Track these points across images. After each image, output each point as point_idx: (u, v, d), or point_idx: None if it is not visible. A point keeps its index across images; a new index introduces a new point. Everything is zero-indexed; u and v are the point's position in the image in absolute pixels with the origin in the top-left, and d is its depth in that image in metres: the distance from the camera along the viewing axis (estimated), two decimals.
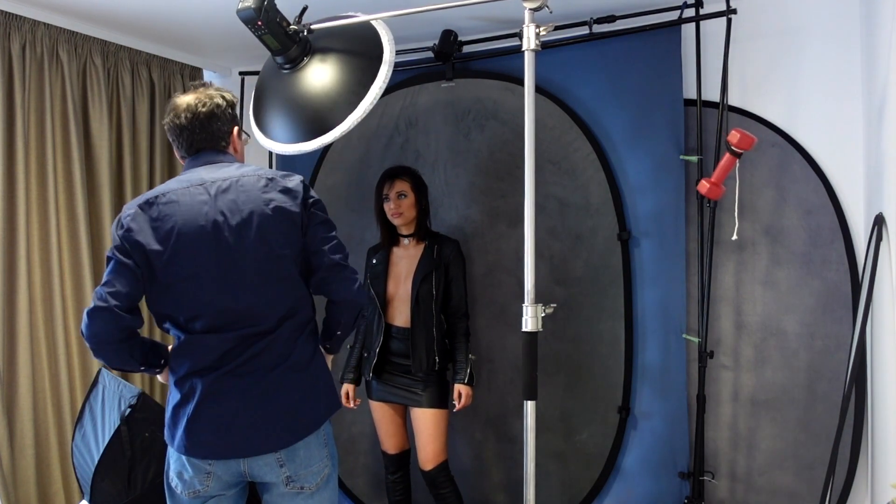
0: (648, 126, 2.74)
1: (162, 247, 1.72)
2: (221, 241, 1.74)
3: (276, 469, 1.81)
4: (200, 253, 1.73)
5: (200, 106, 1.85)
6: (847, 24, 2.55)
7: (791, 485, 2.63)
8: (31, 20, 2.72)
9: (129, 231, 1.73)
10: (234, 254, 1.74)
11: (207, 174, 1.80)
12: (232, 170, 1.82)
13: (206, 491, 1.82)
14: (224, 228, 1.74)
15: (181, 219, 1.73)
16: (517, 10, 2.02)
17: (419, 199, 2.72)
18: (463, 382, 2.67)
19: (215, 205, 1.75)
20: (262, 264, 1.76)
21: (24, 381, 2.73)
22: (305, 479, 1.83)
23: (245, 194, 1.77)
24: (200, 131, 1.85)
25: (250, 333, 1.77)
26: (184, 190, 1.76)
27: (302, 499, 1.84)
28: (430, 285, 2.67)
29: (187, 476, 1.81)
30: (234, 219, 1.74)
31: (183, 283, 1.74)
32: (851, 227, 2.55)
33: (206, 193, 1.76)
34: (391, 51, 2.23)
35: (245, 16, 2.12)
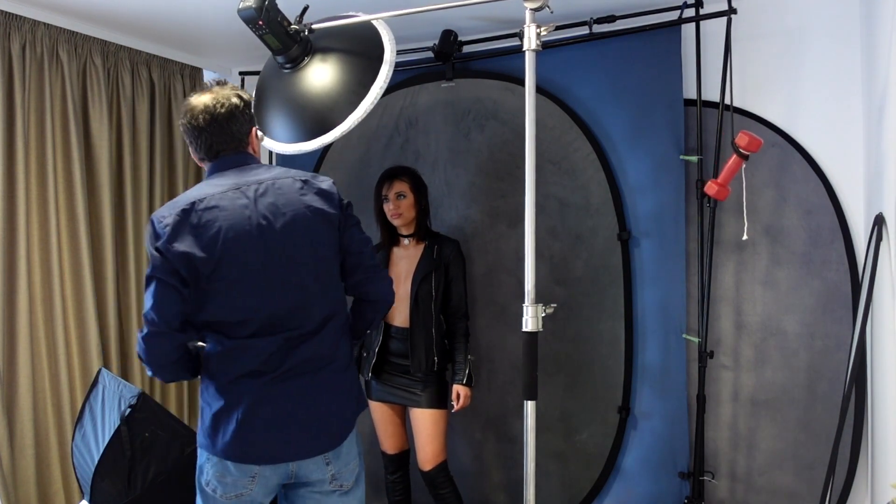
0: (648, 126, 2.74)
1: (207, 254, 1.69)
2: (267, 245, 1.73)
3: (323, 467, 1.83)
4: (247, 257, 1.72)
5: (219, 107, 1.80)
6: (847, 24, 2.55)
7: (791, 485, 2.63)
8: (31, 20, 2.72)
9: (169, 242, 1.67)
10: (279, 257, 1.74)
11: (240, 178, 1.78)
12: (263, 172, 1.81)
13: (248, 494, 1.79)
14: (269, 231, 1.73)
15: (225, 224, 1.70)
16: (517, 10, 2.02)
17: (418, 199, 2.72)
18: (462, 383, 2.67)
19: (257, 208, 1.73)
20: (308, 266, 1.77)
21: (24, 381, 2.72)
22: (344, 477, 1.87)
23: (284, 197, 1.76)
24: (220, 133, 1.81)
25: (296, 335, 1.77)
26: (222, 194, 1.73)
27: (339, 496, 1.87)
28: (430, 285, 2.67)
29: (230, 479, 1.77)
30: (278, 222, 1.74)
31: (229, 288, 1.72)
32: (851, 227, 2.55)
33: (245, 197, 1.74)
34: (392, 51, 2.23)
35: (246, 15, 2.12)
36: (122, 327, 3.15)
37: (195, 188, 1.79)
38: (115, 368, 3.04)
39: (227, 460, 1.76)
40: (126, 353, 3.16)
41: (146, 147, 3.25)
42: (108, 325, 3.04)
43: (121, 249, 3.15)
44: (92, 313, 2.92)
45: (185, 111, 1.82)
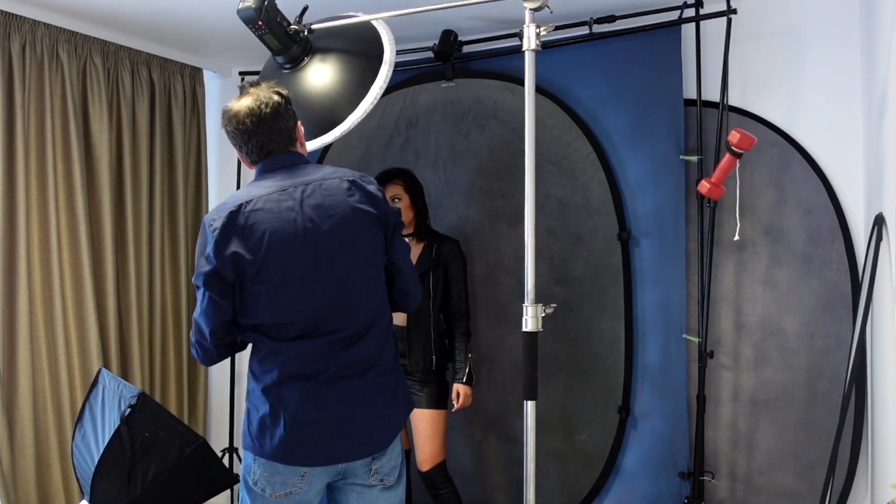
0: (648, 126, 2.74)
1: (253, 256, 1.70)
2: (312, 247, 1.74)
3: (368, 462, 1.84)
4: (292, 260, 1.72)
5: (264, 108, 1.79)
6: (847, 24, 2.55)
7: (791, 485, 2.63)
8: (31, 20, 2.72)
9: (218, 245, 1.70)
10: (325, 259, 1.75)
11: (287, 179, 1.78)
12: (311, 172, 1.81)
13: (298, 492, 1.80)
14: (315, 234, 1.74)
15: (270, 226, 1.71)
16: (517, 10, 2.02)
17: (415, 199, 2.72)
18: (462, 382, 2.67)
19: (303, 210, 1.74)
20: (354, 268, 1.78)
21: (24, 381, 2.73)
22: (388, 474, 1.88)
23: (331, 198, 1.76)
24: (270, 133, 1.81)
25: (342, 338, 1.77)
26: (268, 196, 1.74)
27: (380, 490, 1.88)
28: (428, 285, 2.67)
29: (279, 479, 1.78)
30: (325, 224, 1.74)
31: (274, 290, 1.72)
32: (851, 227, 2.55)
33: (292, 199, 1.74)
34: (391, 51, 2.23)
35: (246, 16, 2.12)
36: (122, 327, 3.15)
37: (244, 189, 1.81)
38: (115, 368, 3.04)
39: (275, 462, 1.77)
40: (126, 353, 3.16)
41: (146, 147, 3.25)
42: (108, 325, 3.04)
43: (121, 249, 3.15)
44: (92, 313, 2.92)
45: (230, 117, 1.81)
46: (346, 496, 1.89)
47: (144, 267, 3.25)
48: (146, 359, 3.26)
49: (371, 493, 1.87)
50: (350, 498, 1.89)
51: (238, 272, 1.71)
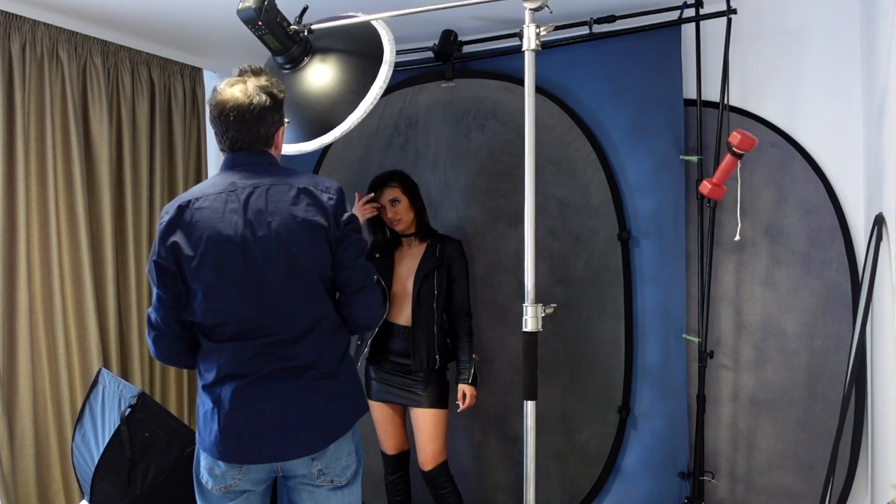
0: (648, 126, 2.74)
1: (192, 252, 1.73)
2: (247, 251, 1.74)
3: (308, 463, 1.84)
4: (226, 261, 1.74)
5: (249, 106, 1.78)
6: (847, 24, 2.55)
7: (791, 485, 2.63)
8: (31, 20, 2.72)
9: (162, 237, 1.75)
10: (258, 264, 1.75)
11: (242, 179, 1.79)
12: (266, 176, 1.80)
13: (237, 485, 1.84)
14: (250, 238, 1.74)
15: (210, 226, 1.73)
16: (517, 10, 2.02)
17: (413, 200, 2.72)
18: (467, 382, 2.67)
19: (244, 214, 1.74)
20: (286, 276, 1.77)
21: (24, 381, 2.73)
22: (335, 473, 1.88)
23: (273, 204, 1.76)
24: (248, 132, 1.81)
25: (276, 341, 1.78)
26: (216, 195, 1.76)
27: (329, 490, 1.88)
28: (432, 284, 2.67)
29: (219, 472, 1.82)
30: (261, 230, 1.74)
31: (209, 290, 1.75)
32: (851, 227, 2.55)
33: (238, 201, 1.75)
34: (391, 51, 2.23)
35: (245, 16, 2.12)
36: (122, 327, 3.15)
37: (201, 184, 1.84)
38: (115, 368, 3.04)
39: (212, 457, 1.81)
40: (126, 353, 3.16)
41: (146, 147, 3.25)
42: (108, 325, 3.04)
43: (121, 249, 3.15)
44: (92, 313, 2.92)
45: (216, 102, 1.79)
46: (299, 494, 1.91)
47: (144, 267, 3.25)
48: (146, 359, 3.25)
49: (320, 492, 1.88)
50: (302, 496, 1.91)
51: (178, 266, 1.75)
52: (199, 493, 1.89)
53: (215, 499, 1.86)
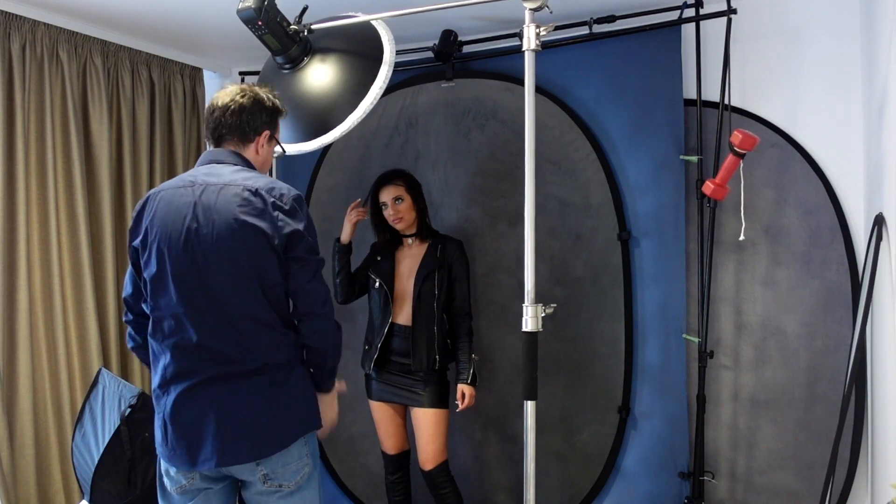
0: (648, 126, 2.74)
1: (143, 243, 1.79)
2: (189, 247, 1.74)
3: (253, 467, 1.80)
4: (170, 256, 1.75)
5: (240, 97, 1.86)
6: (847, 23, 2.55)
7: (791, 485, 2.63)
8: (31, 20, 2.72)
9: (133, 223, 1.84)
10: (199, 261, 1.73)
11: (203, 175, 1.80)
12: (227, 174, 1.79)
13: (191, 485, 1.85)
14: (194, 235, 1.74)
15: (162, 218, 1.77)
16: (517, 10, 2.02)
17: (415, 199, 2.72)
18: (466, 382, 2.67)
19: (195, 210, 1.75)
20: (226, 277, 1.74)
21: (24, 381, 2.73)
22: (283, 478, 1.81)
23: (221, 204, 1.74)
24: (222, 125, 1.87)
25: (216, 345, 1.75)
26: (176, 189, 1.80)
27: (280, 497, 1.83)
28: (433, 284, 2.67)
29: (173, 473, 1.85)
30: (205, 228, 1.74)
31: (153, 282, 1.78)
32: (851, 227, 2.55)
33: (193, 196, 1.77)
34: (391, 51, 2.23)
35: (245, 16, 2.12)
36: (122, 327, 3.15)
37: (178, 176, 1.89)
38: (115, 368, 3.04)
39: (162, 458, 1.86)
40: (126, 353, 3.16)
41: (146, 147, 3.25)
42: (108, 325, 3.04)
43: (121, 249, 3.15)
44: (92, 313, 2.92)
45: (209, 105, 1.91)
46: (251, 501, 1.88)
47: None
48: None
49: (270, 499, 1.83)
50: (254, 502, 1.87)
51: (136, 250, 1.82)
52: (161, 493, 1.90)
53: (175, 500, 1.87)
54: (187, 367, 1.76)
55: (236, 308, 1.75)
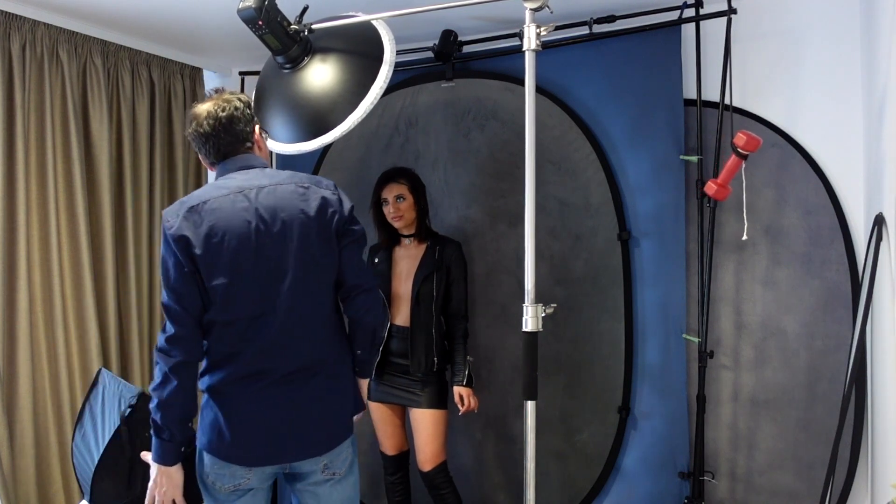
0: (648, 126, 2.74)
1: (204, 252, 1.74)
2: (261, 248, 1.77)
3: (316, 459, 1.88)
4: (243, 259, 1.76)
5: (220, 111, 1.87)
6: (847, 24, 2.55)
7: (791, 485, 2.63)
8: (31, 20, 2.72)
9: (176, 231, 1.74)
10: (273, 261, 1.78)
11: (244, 181, 1.82)
12: (268, 177, 1.85)
13: (246, 484, 1.86)
14: (264, 235, 1.77)
15: (225, 225, 1.75)
16: (517, 10, 2.02)
17: (417, 199, 2.72)
18: (461, 384, 2.67)
19: (256, 212, 1.77)
20: (300, 271, 1.80)
21: (24, 381, 2.72)
22: (337, 466, 1.92)
23: (283, 201, 1.80)
24: (225, 135, 1.88)
25: (288, 340, 1.81)
26: (224, 197, 1.79)
27: (332, 485, 1.93)
28: (431, 286, 2.67)
29: (228, 472, 1.84)
30: (275, 226, 1.78)
31: (225, 288, 1.76)
32: (851, 227, 2.55)
33: (247, 200, 1.79)
34: (391, 51, 2.23)
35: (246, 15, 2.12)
36: (122, 327, 3.15)
37: (202, 189, 1.84)
38: (115, 368, 3.04)
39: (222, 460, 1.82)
40: (126, 353, 3.16)
41: (146, 147, 3.25)
42: (108, 325, 3.04)
43: (121, 249, 3.15)
44: (92, 313, 2.92)
45: (191, 120, 1.90)
46: (302, 496, 1.96)
47: (144, 267, 3.25)
48: (146, 359, 3.25)
49: (323, 489, 1.92)
50: (306, 497, 1.95)
51: (194, 265, 1.75)
52: (206, 493, 1.89)
53: (223, 497, 1.87)
54: (262, 367, 1.79)
55: (307, 303, 1.82)
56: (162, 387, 1.76)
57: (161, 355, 1.76)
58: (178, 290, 1.75)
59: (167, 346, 1.75)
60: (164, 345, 1.75)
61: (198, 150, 1.93)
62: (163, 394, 1.75)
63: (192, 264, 1.74)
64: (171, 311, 1.76)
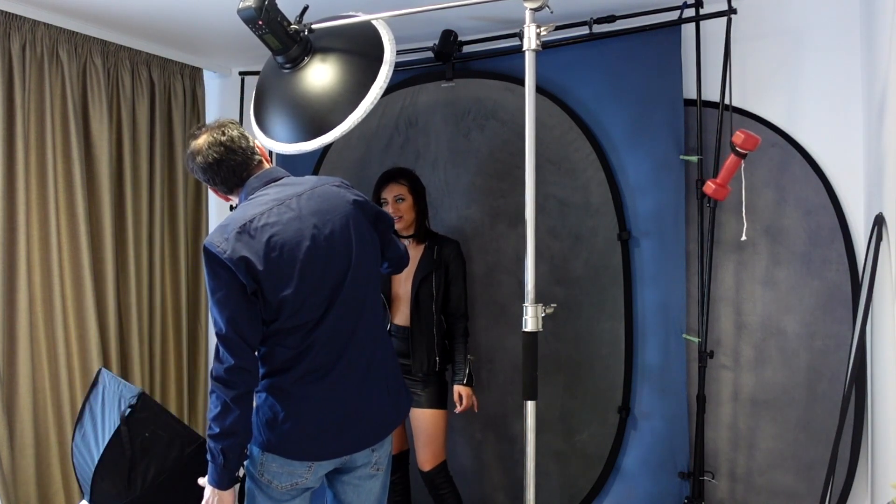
0: (648, 126, 2.74)
1: (265, 266, 1.73)
2: (319, 252, 1.80)
3: (369, 454, 1.97)
4: (304, 267, 1.78)
5: (220, 136, 1.89)
6: (847, 24, 2.55)
7: (791, 485, 2.63)
8: (31, 20, 2.72)
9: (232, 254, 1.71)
10: (332, 261, 1.83)
11: (279, 193, 1.85)
12: (298, 183, 1.90)
13: (302, 483, 1.89)
14: (320, 238, 1.81)
15: (279, 237, 1.76)
16: (517, 10, 2.02)
17: (417, 200, 2.72)
18: (462, 383, 2.67)
19: (305, 219, 1.81)
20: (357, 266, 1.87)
21: (24, 381, 2.73)
22: (381, 461, 2.01)
23: (327, 202, 1.86)
24: (233, 156, 1.89)
25: (351, 336, 1.87)
26: (269, 211, 1.79)
27: (374, 479, 2.01)
28: (430, 286, 2.67)
29: (286, 470, 1.85)
30: (326, 228, 1.83)
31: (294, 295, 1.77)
32: (851, 227, 2.55)
33: (290, 209, 1.81)
34: (392, 51, 2.23)
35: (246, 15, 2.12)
36: (122, 327, 3.15)
37: (238, 211, 1.83)
38: (115, 368, 3.04)
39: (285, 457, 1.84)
40: (126, 353, 3.16)
41: (146, 147, 3.25)
42: (108, 325, 3.04)
43: (121, 249, 3.15)
44: (92, 313, 2.92)
45: (194, 155, 1.90)
46: (343, 488, 2.00)
47: (144, 267, 3.25)
48: (146, 359, 3.26)
49: (365, 482, 1.99)
50: (347, 490, 2.00)
51: (257, 284, 1.73)
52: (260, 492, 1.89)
53: (277, 495, 1.88)
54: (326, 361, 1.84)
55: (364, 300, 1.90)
56: (223, 417, 1.73)
57: (220, 386, 1.73)
58: (237, 320, 1.72)
59: (227, 377, 1.73)
60: (224, 375, 1.73)
61: (210, 181, 1.92)
62: (224, 423, 1.73)
63: (256, 283, 1.73)
64: (230, 343, 1.72)
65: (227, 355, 1.72)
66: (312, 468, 1.87)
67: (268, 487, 1.87)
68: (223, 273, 1.71)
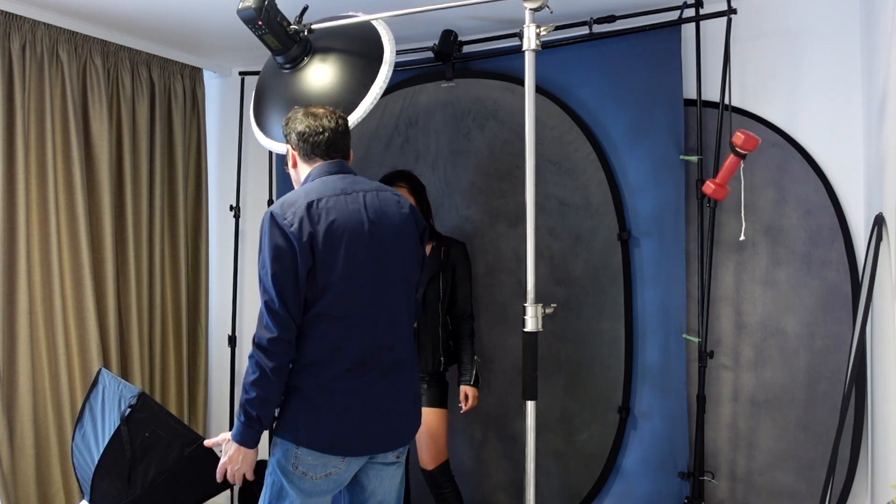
0: (648, 126, 2.74)
1: (325, 246, 1.82)
2: (372, 248, 1.90)
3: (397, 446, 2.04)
4: (358, 255, 1.86)
5: (340, 119, 2.02)
6: (847, 24, 2.55)
7: (791, 485, 2.63)
8: (31, 20, 2.72)
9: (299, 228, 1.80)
10: (384, 257, 1.92)
11: (349, 185, 1.95)
12: (365, 182, 2.00)
13: (338, 473, 1.92)
14: (377, 235, 1.91)
15: (342, 223, 1.86)
16: (517, 10, 2.02)
17: (419, 201, 2.72)
18: (469, 384, 2.68)
19: (367, 214, 1.91)
20: (398, 271, 1.96)
21: (24, 381, 2.73)
22: (403, 452, 2.07)
23: (388, 207, 1.97)
24: (340, 139, 2.01)
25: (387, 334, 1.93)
26: (336, 197, 1.89)
27: (397, 467, 2.08)
28: (437, 286, 2.68)
29: (321, 462, 1.89)
30: (383, 228, 1.93)
31: (341, 283, 1.84)
32: (851, 227, 2.55)
33: (356, 203, 1.91)
34: (391, 51, 2.24)
35: (246, 15, 2.12)
36: (122, 327, 3.15)
37: (309, 186, 1.92)
38: (115, 368, 3.04)
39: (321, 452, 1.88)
40: (126, 353, 3.16)
41: (146, 147, 3.25)
42: (108, 325, 3.04)
43: (121, 249, 3.15)
44: (92, 313, 2.92)
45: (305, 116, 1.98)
46: (366, 474, 2.03)
47: (144, 267, 3.25)
48: (146, 359, 3.25)
49: (388, 470, 2.05)
50: (370, 475, 2.03)
51: (314, 258, 1.81)
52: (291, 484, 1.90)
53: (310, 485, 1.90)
54: (364, 360, 1.89)
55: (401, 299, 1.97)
56: (262, 383, 1.80)
57: (262, 354, 1.79)
58: (287, 294, 1.79)
59: (271, 347, 1.79)
60: (268, 346, 1.79)
61: (303, 141, 1.98)
62: (263, 390, 1.80)
63: (312, 261, 1.81)
64: (277, 316, 1.79)
65: (273, 326, 1.78)
66: (346, 460, 1.91)
67: (301, 479, 1.89)
68: (284, 245, 1.79)
